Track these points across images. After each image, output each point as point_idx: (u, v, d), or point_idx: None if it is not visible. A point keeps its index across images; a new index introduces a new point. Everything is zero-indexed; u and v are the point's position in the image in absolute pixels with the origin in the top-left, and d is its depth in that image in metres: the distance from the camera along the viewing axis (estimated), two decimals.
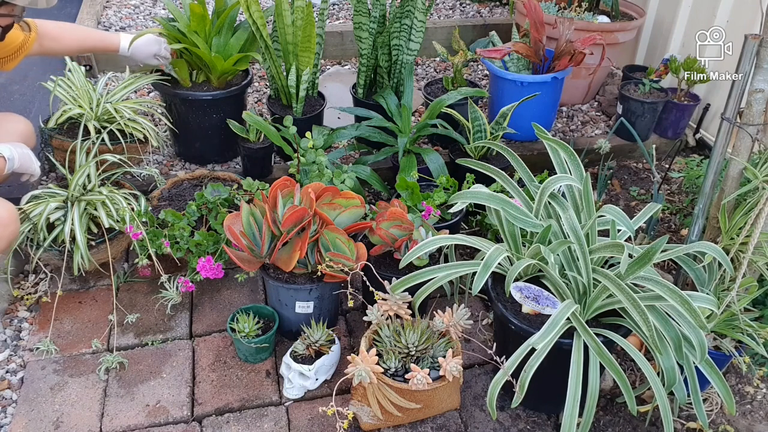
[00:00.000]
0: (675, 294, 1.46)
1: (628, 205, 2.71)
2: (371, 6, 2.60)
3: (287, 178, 1.86)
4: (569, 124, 3.12)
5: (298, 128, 2.29)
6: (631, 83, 2.91)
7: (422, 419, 1.75)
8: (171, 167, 2.67)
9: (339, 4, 4.08)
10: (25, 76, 2.90)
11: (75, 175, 2.02)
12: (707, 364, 1.56)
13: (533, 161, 2.70)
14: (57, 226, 1.95)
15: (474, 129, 2.44)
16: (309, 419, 1.74)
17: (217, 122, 2.54)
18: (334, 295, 1.95)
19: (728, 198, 1.82)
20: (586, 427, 1.52)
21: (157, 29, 2.43)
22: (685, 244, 1.70)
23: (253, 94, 3.20)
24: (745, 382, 1.94)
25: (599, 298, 1.59)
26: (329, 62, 3.54)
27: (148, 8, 3.87)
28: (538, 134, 1.83)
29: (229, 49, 2.54)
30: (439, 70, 3.53)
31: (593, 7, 3.29)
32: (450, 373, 1.60)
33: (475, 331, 2.04)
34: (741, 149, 1.74)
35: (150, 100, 2.68)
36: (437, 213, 2.05)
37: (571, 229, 1.62)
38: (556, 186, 1.65)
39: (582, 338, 1.53)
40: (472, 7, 4.11)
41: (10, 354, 1.90)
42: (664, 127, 2.92)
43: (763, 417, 1.84)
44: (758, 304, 1.90)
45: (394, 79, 2.73)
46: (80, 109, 2.22)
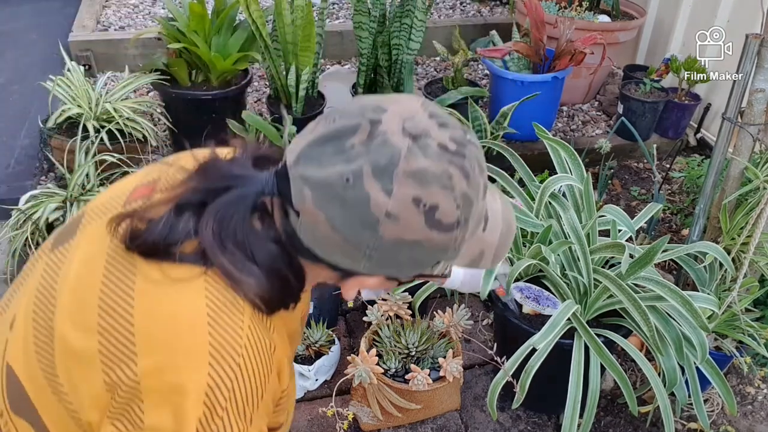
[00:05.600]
0: (676, 294, 1.45)
1: (629, 205, 2.71)
2: (371, 5, 2.60)
3: None
4: (570, 124, 3.11)
5: (298, 128, 2.28)
6: (631, 83, 2.90)
7: (422, 420, 1.74)
8: None
9: (339, 3, 4.07)
10: (25, 76, 2.89)
11: (74, 175, 2.01)
12: (708, 364, 1.55)
13: (534, 161, 2.68)
14: (56, 226, 1.94)
15: (474, 128, 2.43)
16: (309, 420, 1.73)
17: (217, 122, 2.53)
18: (333, 296, 1.95)
19: (729, 198, 1.82)
20: (586, 428, 1.51)
21: (156, 29, 2.43)
22: (686, 244, 1.69)
23: (253, 94, 3.19)
24: (746, 382, 1.93)
25: (600, 298, 1.58)
26: (329, 62, 3.53)
27: (147, 7, 3.86)
28: (539, 134, 1.82)
29: (229, 48, 2.53)
30: (440, 69, 3.53)
31: (594, 7, 3.28)
32: (450, 374, 1.59)
33: (475, 331, 2.03)
34: (742, 149, 1.74)
35: (149, 100, 2.67)
36: None
37: (571, 229, 1.61)
38: (557, 186, 1.65)
39: (583, 339, 1.52)
40: (472, 7, 4.11)
41: None
42: (665, 127, 2.91)
43: (764, 417, 1.84)
44: (759, 304, 1.89)
45: (394, 78, 2.72)
46: (79, 109, 2.22)
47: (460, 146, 0.68)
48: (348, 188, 0.64)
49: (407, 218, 0.65)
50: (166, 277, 0.69)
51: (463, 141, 0.68)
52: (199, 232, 0.69)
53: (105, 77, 2.49)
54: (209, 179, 0.73)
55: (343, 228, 0.66)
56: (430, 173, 0.65)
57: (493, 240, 0.78)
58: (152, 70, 2.52)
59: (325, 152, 0.66)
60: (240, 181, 0.72)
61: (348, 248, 0.67)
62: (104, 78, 2.47)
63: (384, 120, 0.66)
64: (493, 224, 0.77)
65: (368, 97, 0.72)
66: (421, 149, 0.65)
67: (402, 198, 0.64)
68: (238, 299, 0.70)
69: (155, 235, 0.70)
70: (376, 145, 0.64)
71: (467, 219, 0.69)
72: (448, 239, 0.69)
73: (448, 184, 0.66)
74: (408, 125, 0.66)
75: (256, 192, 0.71)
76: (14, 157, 2.54)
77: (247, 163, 0.75)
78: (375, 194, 0.64)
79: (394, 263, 0.70)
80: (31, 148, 2.57)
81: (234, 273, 0.69)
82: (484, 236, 0.76)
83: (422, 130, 0.66)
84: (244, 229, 0.70)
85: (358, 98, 0.72)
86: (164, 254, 0.70)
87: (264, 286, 0.71)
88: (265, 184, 0.71)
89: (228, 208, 0.70)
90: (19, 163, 2.51)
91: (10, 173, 2.45)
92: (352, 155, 0.64)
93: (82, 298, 0.72)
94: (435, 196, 0.65)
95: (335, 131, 0.66)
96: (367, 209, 0.64)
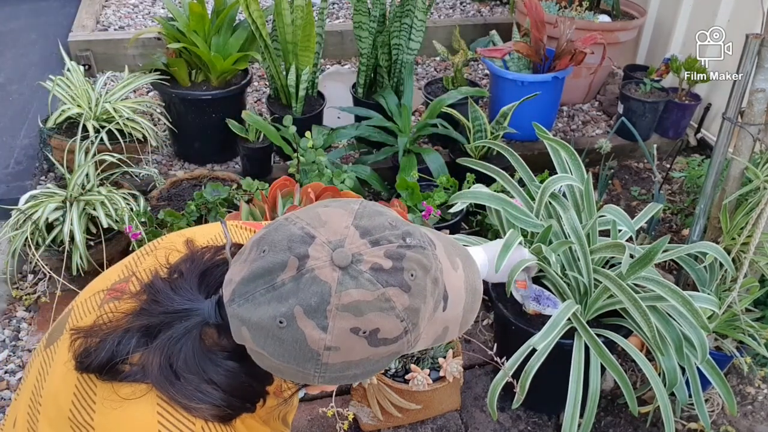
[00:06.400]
0: (676, 294, 1.45)
1: (629, 205, 2.71)
2: (371, 5, 2.59)
3: (287, 178, 1.85)
4: (570, 124, 3.11)
5: (298, 128, 2.28)
6: (632, 83, 2.90)
7: (422, 420, 1.74)
8: (170, 167, 2.67)
9: (339, 3, 4.07)
10: (24, 76, 2.89)
11: (74, 175, 2.01)
12: (708, 364, 1.55)
13: (534, 161, 2.68)
14: (56, 226, 1.94)
15: (474, 128, 2.43)
16: (309, 420, 1.73)
17: (217, 122, 2.53)
18: None
19: (729, 198, 1.82)
20: (587, 428, 1.51)
21: (156, 28, 2.43)
22: (687, 245, 1.69)
23: (253, 94, 3.19)
24: (746, 382, 1.93)
25: (600, 298, 1.58)
26: (329, 61, 3.53)
27: (147, 7, 3.86)
28: (539, 134, 1.82)
29: (229, 48, 2.53)
30: (440, 69, 3.53)
31: (594, 7, 3.28)
32: (450, 374, 1.59)
33: (475, 331, 2.03)
34: (742, 149, 1.74)
35: (149, 100, 2.67)
36: (437, 213, 2.04)
37: (571, 229, 1.61)
38: (557, 186, 1.65)
39: (583, 339, 1.52)
40: (472, 6, 4.11)
41: (8, 354, 1.90)
42: (665, 127, 2.91)
43: (765, 418, 1.84)
44: (760, 304, 1.89)
45: (394, 78, 2.72)
46: (79, 109, 2.22)
47: (397, 260, 0.66)
48: (282, 329, 0.64)
49: (348, 346, 0.65)
50: (117, 395, 0.71)
51: (399, 254, 0.67)
52: (146, 369, 0.70)
53: (105, 77, 2.49)
54: (152, 314, 0.74)
55: (287, 361, 0.66)
56: (364, 303, 0.64)
57: (456, 314, 0.76)
58: (152, 70, 2.52)
59: (257, 290, 0.65)
60: (182, 316, 0.73)
61: (297, 373, 0.68)
62: (104, 78, 2.46)
63: (312, 253, 0.65)
64: (455, 299, 0.75)
65: (299, 217, 0.70)
66: (353, 279, 0.64)
67: (339, 332, 0.64)
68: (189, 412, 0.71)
69: (102, 358, 0.71)
70: (305, 283, 0.64)
71: (416, 324, 0.68)
72: (398, 346, 0.68)
73: (387, 306, 0.65)
74: (336, 256, 0.65)
75: (200, 323, 0.72)
76: (14, 157, 2.53)
77: (192, 285, 0.76)
78: (310, 332, 0.64)
79: (347, 377, 0.69)
80: (31, 148, 2.57)
81: (184, 402, 0.70)
82: (446, 314, 0.74)
83: (352, 256, 0.65)
84: (196, 358, 0.71)
85: (289, 221, 0.70)
86: (112, 374, 0.71)
87: (218, 407, 0.71)
88: (208, 316, 0.72)
89: (174, 344, 0.71)
90: (18, 163, 2.51)
91: (9, 173, 2.45)
92: (282, 293, 0.64)
93: (60, 407, 0.74)
94: (373, 321, 0.65)
95: (264, 268, 0.66)
96: (305, 346, 0.65)
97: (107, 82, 2.83)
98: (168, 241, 0.88)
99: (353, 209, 0.70)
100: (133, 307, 0.75)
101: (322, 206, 0.72)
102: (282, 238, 0.67)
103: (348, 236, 0.67)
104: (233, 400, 0.72)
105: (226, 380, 0.71)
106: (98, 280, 0.87)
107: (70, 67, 2.33)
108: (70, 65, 2.34)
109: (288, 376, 0.69)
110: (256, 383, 0.74)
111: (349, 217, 0.69)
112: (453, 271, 0.75)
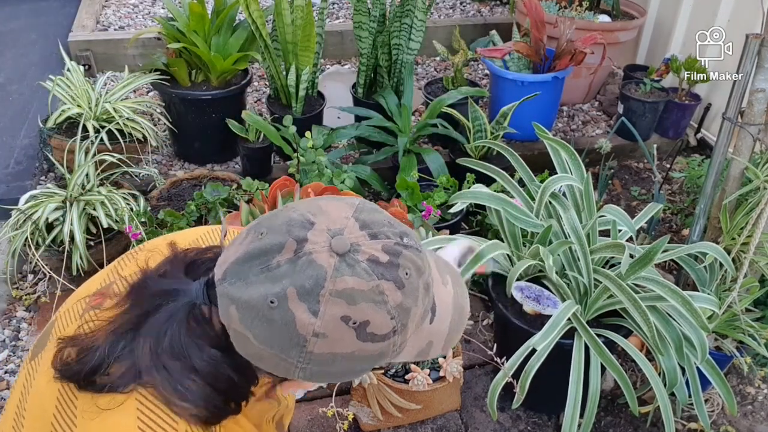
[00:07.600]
0: (676, 294, 1.45)
1: (629, 205, 2.71)
2: (371, 5, 2.59)
3: (287, 178, 1.85)
4: (570, 124, 3.11)
5: (298, 128, 2.28)
6: (632, 83, 2.90)
7: (422, 420, 1.74)
8: (170, 167, 2.66)
9: (339, 3, 4.07)
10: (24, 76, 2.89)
11: (74, 175, 2.01)
12: (708, 364, 1.55)
13: (534, 161, 2.68)
14: (56, 226, 1.94)
15: (474, 128, 2.43)
16: (309, 420, 1.73)
17: (217, 122, 2.53)
18: None
19: (729, 198, 1.82)
20: (587, 428, 1.51)
21: (156, 28, 2.43)
22: (687, 245, 1.69)
23: (253, 94, 3.19)
24: (746, 382, 1.93)
25: (600, 298, 1.58)
26: (329, 61, 3.53)
27: (147, 7, 3.86)
28: (539, 134, 1.82)
29: (229, 48, 2.53)
30: (440, 69, 3.53)
31: (594, 7, 3.28)
32: (450, 374, 1.59)
33: (475, 331, 2.03)
34: (742, 149, 1.74)
35: (149, 100, 2.67)
36: (437, 213, 2.04)
37: (571, 229, 1.61)
38: (557, 186, 1.65)
39: (583, 339, 1.52)
40: (472, 6, 4.11)
41: (8, 354, 1.90)
42: (665, 127, 2.91)
43: (765, 418, 1.84)
44: (760, 304, 1.89)
45: (394, 78, 2.72)
46: (79, 109, 2.22)
47: (394, 256, 0.66)
48: (273, 309, 0.63)
49: (337, 336, 0.64)
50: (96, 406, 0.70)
51: (396, 250, 0.67)
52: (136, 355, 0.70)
53: (105, 77, 2.49)
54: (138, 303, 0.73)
55: (271, 346, 0.65)
56: (358, 292, 0.64)
57: (442, 329, 0.75)
58: (152, 70, 2.52)
59: (251, 270, 0.65)
60: (169, 297, 0.72)
61: (279, 362, 0.67)
62: (104, 78, 2.46)
63: (310, 237, 0.65)
64: (442, 313, 0.74)
65: (299, 206, 0.70)
66: (349, 267, 0.64)
67: (329, 318, 0.63)
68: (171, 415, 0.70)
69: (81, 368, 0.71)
70: (302, 265, 0.63)
71: (405, 325, 0.68)
72: (385, 346, 0.67)
73: (380, 299, 0.65)
74: (335, 242, 0.65)
75: (187, 303, 0.71)
76: (14, 157, 2.53)
77: (179, 273, 0.75)
78: (300, 315, 0.63)
79: (329, 374, 0.68)
80: (31, 148, 2.57)
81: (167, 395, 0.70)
82: (432, 327, 0.74)
83: (350, 245, 0.65)
84: (182, 341, 0.70)
85: (289, 208, 0.70)
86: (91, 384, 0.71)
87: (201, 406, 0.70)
88: (195, 296, 0.71)
89: (161, 326, 0.70)
90: (18, 163, 2.51)
91: (9, 173, 2.45)
92: (277, 274, 0.64)
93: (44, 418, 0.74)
94: (365, 313, 0.64)
95: (261, 249, 0.65)
96: (293, 329, 0.64)
97: (107, 82, 2.83)
98: (151, 245, 0.88)
99: (353, 203, 0.70)
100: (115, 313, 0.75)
101: (323, 199, 0.72)
102: (281, 223, 0.67)
103: (348, 226, 0.67)
104: (215, 397, 0.71)
105: (208, 368, 0.70)
106: (82, 288, 0.86)
107: (70, 67, 2.33)
108: (70, 65, 2.34)
109: (269, 365, 0.68)
110: (238, 377, 0.73)
111: (350, 209, 0.69)
112: (443, 285, 0.76)
